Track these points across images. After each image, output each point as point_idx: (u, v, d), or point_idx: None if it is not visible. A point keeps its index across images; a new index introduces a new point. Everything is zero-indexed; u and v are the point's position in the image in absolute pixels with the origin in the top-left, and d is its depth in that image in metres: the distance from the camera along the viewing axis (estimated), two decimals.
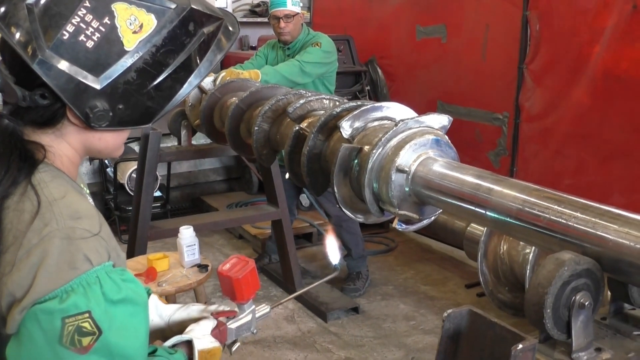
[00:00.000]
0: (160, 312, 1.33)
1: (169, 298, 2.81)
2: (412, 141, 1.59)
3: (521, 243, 3.02)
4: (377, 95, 4.91)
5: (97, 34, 0.96)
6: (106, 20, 0.96)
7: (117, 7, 0.97)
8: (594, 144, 3.32)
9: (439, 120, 1.67)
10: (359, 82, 4.86)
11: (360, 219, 1.80)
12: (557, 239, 1.26)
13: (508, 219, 1.38)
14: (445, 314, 1.13)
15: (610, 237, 1.18)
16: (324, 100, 2.15)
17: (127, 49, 0.98)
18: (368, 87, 4.87)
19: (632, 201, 3.05)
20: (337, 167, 1.67)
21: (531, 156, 3.74)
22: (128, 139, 1.22)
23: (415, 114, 1.74)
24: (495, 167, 3.93)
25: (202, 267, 2.73)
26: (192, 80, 1.07)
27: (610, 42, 3.15)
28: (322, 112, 2.00)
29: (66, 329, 0.90)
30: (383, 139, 1.60)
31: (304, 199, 4.86)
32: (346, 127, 1.72)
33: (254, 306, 1.33)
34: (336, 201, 1.74)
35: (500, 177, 1.47)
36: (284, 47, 3.86)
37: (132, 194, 4.19)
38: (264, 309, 1.36)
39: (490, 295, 3.14)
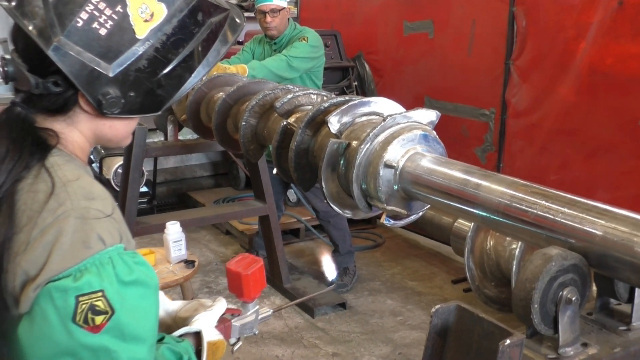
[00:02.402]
0: (166, 308, 1.33)
1: None
2: (400, 136, 1.58)
3: (508, 239, 3.03)
4: (364, 91, 4.91)
5: (110, 22, 0.98)
6: (118, 8, 0.98)
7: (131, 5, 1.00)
8: (579, 140, 3.35)
9: (427, 116, 1.66)
10: (347, 77, 4.86)
11: (348, 214, 1.80)
12: (545, 235, 1.27)
13: (496, 215, 1.38)
14: (433, 310, 1.13)
15: (597, 232, 1.18)
16: (312, 95, 2.14)
17: (138, 37, 1.00)
18: (355, 83, 4.86)
19: (616, 197, 3.08)
20: (325, 162, 1.67)
21: (517, 152, 3.76)
22: None
23: (403, 109, 1.74)
24: (482, 162, 3.94)
25: (188, 262, 2.71)
26: (200, 70, 1.08)
27: (595, 38, 3.18)
28: (310, 107, 1.99)
29: (80, 307, 0.91)
30: (371, 134, 1.59)
31: (292, 195, 4.84)
32: (334, 122, 1.71)
33: (258, 306, 1.34)
34: (324, 197, 1.73)
35: (488, 173, 1.48)
36: (271, 42, 3.84)
37: (118, 189, 4.16)
38: (266, 311, 1.37)
39: (477, 291, 3.15)
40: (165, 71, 1.04)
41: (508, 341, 1.02)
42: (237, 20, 1.15)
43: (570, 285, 1.17)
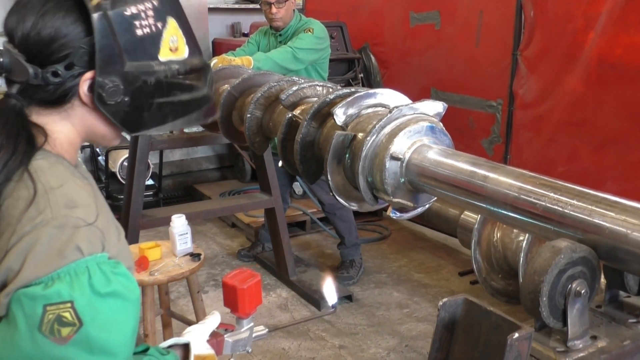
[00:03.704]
0: None
1: (162, 287, 2.79)
2: (407, 128, 1.57)
3: (515, 230, 3.02)
4: (370, 83, 4.88)
5: (147, 29, 1.03)
6: (159, 24, 1.05)
7: (170, 21, 1.06)
8: (587, 131, 3.32)
9: (434, 107, 1.65)
10: (352, 69, 4.83)
11: (354, 207, 1.79)
12: (554, 227, 1.25)
13: (503, 207, 1.37)
14: (440, 303, 1.12)
15: (606, 224, 1.17)
16: (317, 87, 2.12)
17: (159, 57, 1.06)
18: (361, 75, 4.83)
19: (625, 189, 3.05)
20: (331, 154, 1.65)
21: (525, 144, 3.73)
22: None
23: (409, 101, 1.72)
24: (488, 154, 3.92)
25: (194, 255, 2.70)
26: (169, 125, 1.12)
27: (604, 28, 3.14)
28: (315, 99, 1.97)
29: (46, 317, 0.89)
30: (377, 126, 1.58)
31: (297, 187, 4.84)
32: (340, 114, 1.70)
33: (252, 324, 1.33)
34: (330, 189, 1.72)
35: (495, 165, 1.46)
36: (276, 34, 3.82)
37: (123, 182, 4.16)
38: (261, 329, 1.36)
39: (484, 283, 3.14)
40: (160, 100, 1.07)
41: (516, 334, 1.01)
42: (209, 115, 1.19)
43: (580, 278, 1.16)
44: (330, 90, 2.02)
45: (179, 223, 2.72)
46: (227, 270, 4.00)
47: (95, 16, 0.98)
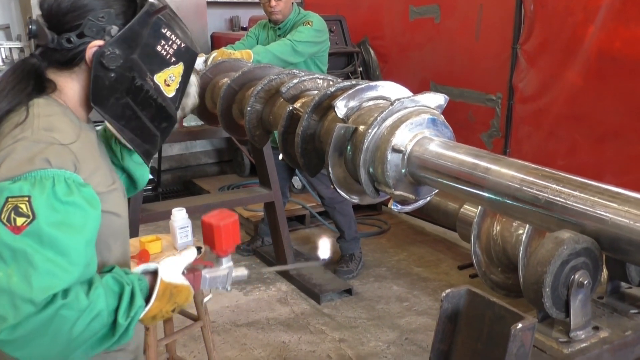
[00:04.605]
0: None
1: None
2: (408, 120, 1.56)
3: (514, 224, 3.02)
4: (369, 77, 4.87)
5: (164, 53, 1.26)
6: (173, 59, 1.27)
7: (180, 65, 1.29)
8: (587, 125, 3.32)
9: (435, 100, 1.64)
10: (352, 63, 4.82)
11: (355, 200, 1.78)
12: (556, 218, 1.25)
13: (506, 199, 1.37)
14: (443, 294, 1.12)
15: (609, 215, 1.17)
16: (318, 80, 2.11)
17: (155, 76, 1.26)
18: (361, 69, 4.83)
19: (624, 182, 3.02)
20: (332, 147, 1.65)
21: (524, 137, 3.73)
22: None
23: (411, 93, 1.71)
24: (488, 148, 3.92)
25: (195, 249, 2.70)
26: (115, 125, 1.27)
27: (604, 22, 3.13)
28: (316, 91, 1.96)
29: (6, 206, 1.02)
30: (378, 119, 1.57)
31: (297, 182, 4.83)
32: (341, 107, 1.69)
33: (231, 263, 1.35)
34: (331, 182, 1.72)
35: (497, 157, 1.46)
36: (275, 27, 3.81)
37: None
38: (241, 270, 1.37)
39: (483, 277, 3.14)
40: (129, 103, 1.24)
41: (520, 325, 1.01)
42: (146, 156, 1.36)
43: (582, 269, 1.16)
44: (331, 83, 2.01)
45: (179, 216, 2.72)
46: None
47: (146, 5, 1.20)
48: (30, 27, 1.20)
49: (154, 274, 1.21)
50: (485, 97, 3.94)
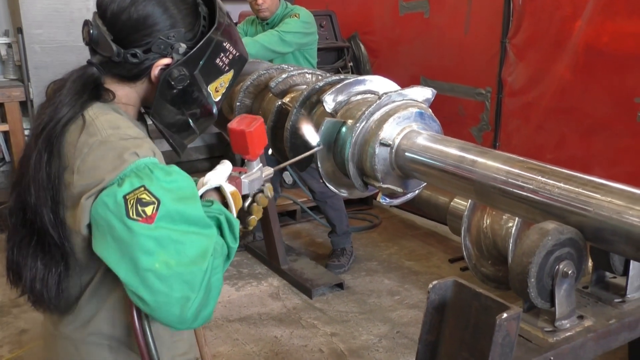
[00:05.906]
0: None
1: None
2: (396, 114, 1.58)
3: (504, 217, 3.04)
4: (360, 71, 4.87)
5: (221, 64, 1.28)
6: (226, 68, 1.29)
7: (231, 72, 1.31)
8: (575, 118, 3.34)
9: (423, 93, 1.66)
10: (342, 58, 4.82)
11: (344, 193, 1.80)
12: (541, 209, 1.27)
13: (492, 191, 1.38)
14: (430, 286, 1.14)
15: (592, 206, 1.18)
16: (307, 75, 2.12)
17: (208, 86, 1.28)
18: (351, 63, 4.83)
19: (612, 174, 3.05)
20: (321, 141, 1.66)
21: (514, 131, 3.75)
22: None
23: (399, 87, 1.73)
24: (478, 142, 3.94)
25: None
26: (160, 127, 1.32)
27: (592, 16, 3.15)
28: (305, 86, 1.97)
29: (129, 203, 1.04)
30: (366, 113, 1.59)
31: (287, 177, 4.84)
32: (329, 101, 1.70)
33: (261, 164, 1.40)
34: (320, 176, 1.73)
35: (484, 149, 1.47)
36: (263, 23, 3.80)
37: None
38: (268, 169, 1.43)
39: (474, 269, 3.16)
40: (182, 110, 1.28)
41: (505, 314, 1.02)
42: (179, 149, 1.40)
43: (567, 259, 1.18)
44: (320, 77, 2.02)
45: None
46: None
47: (215, 23, 1.22)
48: (91, 32, 1.18)
49: (216, 190, 1.29)
50: (475, 91, 3.96)
